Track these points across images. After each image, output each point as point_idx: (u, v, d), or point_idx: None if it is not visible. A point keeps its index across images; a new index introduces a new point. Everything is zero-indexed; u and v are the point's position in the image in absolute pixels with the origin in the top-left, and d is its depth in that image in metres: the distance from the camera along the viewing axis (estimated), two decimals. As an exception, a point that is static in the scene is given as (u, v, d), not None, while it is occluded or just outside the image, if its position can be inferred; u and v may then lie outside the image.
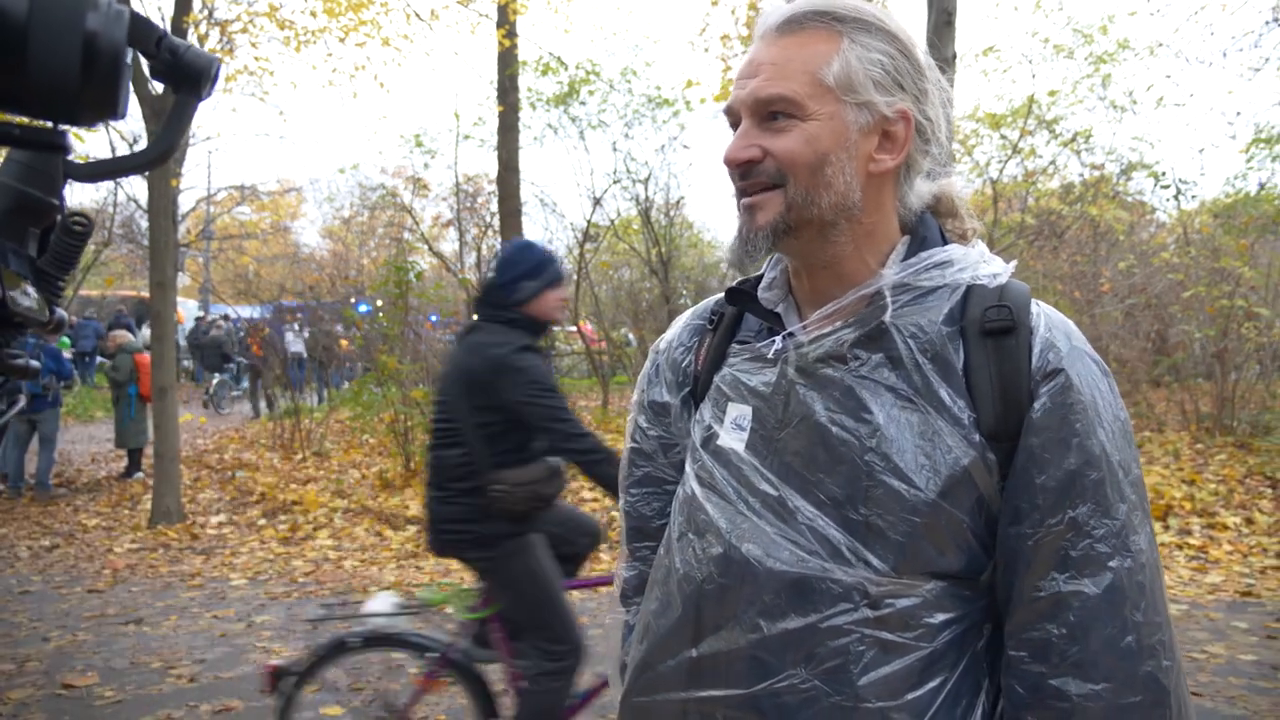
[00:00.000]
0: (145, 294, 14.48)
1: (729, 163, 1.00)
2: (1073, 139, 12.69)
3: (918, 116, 0.99)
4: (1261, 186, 13.73)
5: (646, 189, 14.02)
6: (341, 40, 8.93)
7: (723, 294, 1.16)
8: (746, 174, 0.99)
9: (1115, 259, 11.47)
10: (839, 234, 1.00)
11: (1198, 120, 36.79)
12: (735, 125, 1.02)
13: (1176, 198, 13.18)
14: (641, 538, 1.23)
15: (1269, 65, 13.26)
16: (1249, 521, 6.61)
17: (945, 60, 6.35)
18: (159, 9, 10.38)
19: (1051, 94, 12.71)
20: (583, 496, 8.02)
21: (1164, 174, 12.93)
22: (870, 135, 0.98)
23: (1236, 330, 9.24)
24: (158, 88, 7.48)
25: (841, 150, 0.97)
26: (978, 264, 1.01)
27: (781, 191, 0.97)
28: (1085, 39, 12.99)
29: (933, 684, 0.94)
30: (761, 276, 1.11)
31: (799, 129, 0.96)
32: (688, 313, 1.24)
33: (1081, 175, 13.02)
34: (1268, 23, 10.38)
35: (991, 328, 0.95)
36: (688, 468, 1.11)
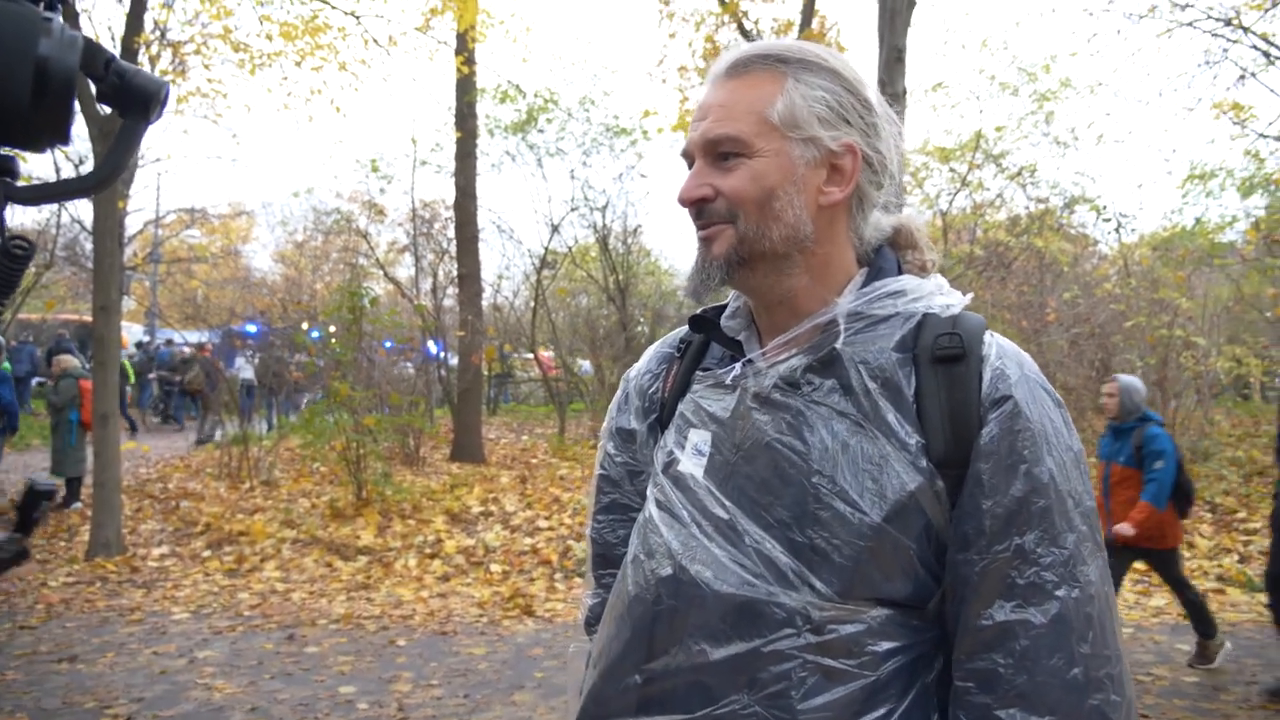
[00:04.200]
0: (88, 318, 14.09)
1: (682, 202, 1.03)
2: (1019, 173, 13.08)
3: (865, 150, 1.02)
4: (1197, 221, 14.27)
5: (604, 216, 14.10)
6: (298, 64, 8.86)
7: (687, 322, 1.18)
8: (700, 213, 1.02)
9: (1060, 289, 11.80)
10: (793, 266, 1.02)
11: (1136, 156, 38.25)
12: (691, 166, 1.05)
13: (1117, 231, 13.65)
14: (607, 565, 1.22)
15: (1201, 105, 13.85)
16: (1190, 546, 6.79)
17: (896, 95, 6.51)
18: (109, 28, 10.22)
19: (998, 129, 13.12)
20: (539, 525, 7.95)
21: (1105, 208, 13.40)
22: (818, 169, 1.01)
23: (1176, 359, 9.55)
24: (104, 108, 7.32)
25: (789, 184, 0.99)
26: (933, 294, 1.03)
27: (733, 226, 1.00)
28: (1029, 77, 13.46)
29: (877, 713, 0.93)
30: (726, 305, 1.14)
31: (746, 166, 0.99)
32: (658, 341, 1.26)
33: (1027, 208, 13.41)
34: (1200, 65, 10.86)
35: (942, 355, 0.97)
36: (649, 492, 1.12)
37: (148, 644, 5.33)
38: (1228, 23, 9.18)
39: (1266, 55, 9.12)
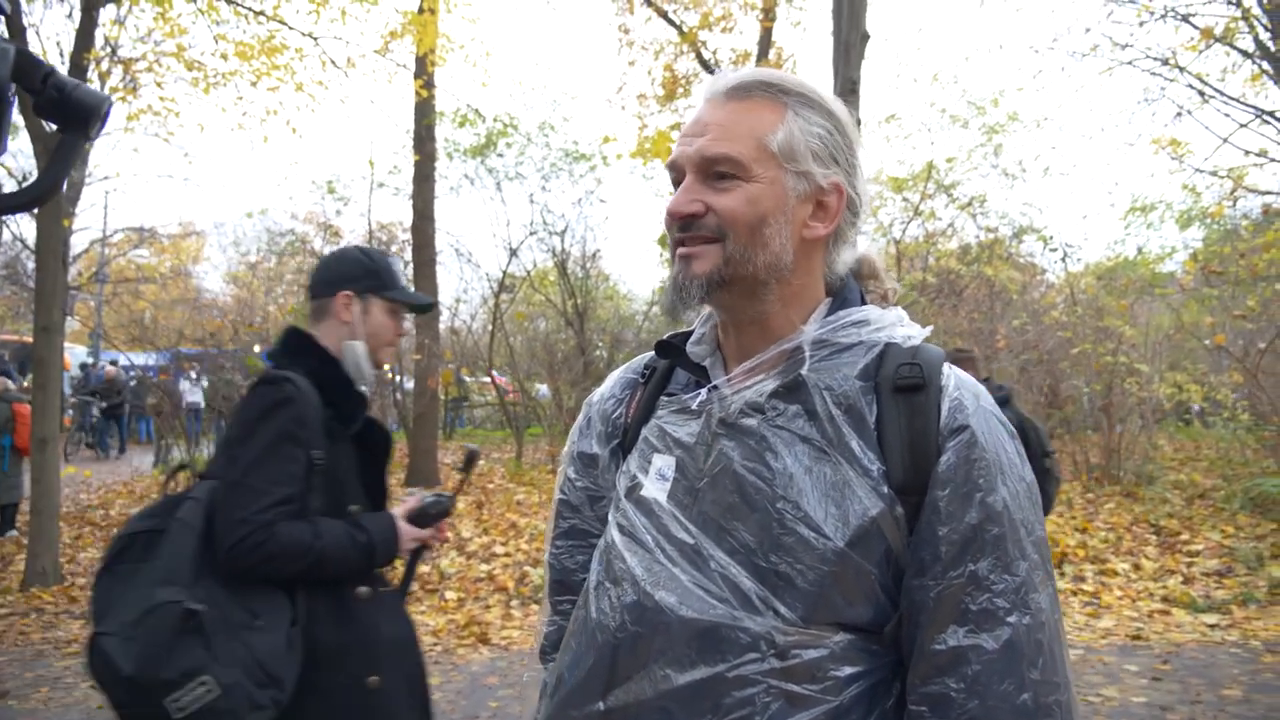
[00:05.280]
0: (29, 338, 13.65)
1: (673, 214, 1.03)
2: (969, 203, 13.42)
3: (849, 190, 1.04)
4: (1139, 251, 14.77)
5: (563, 241, 14.11)
6: (253, 84, 8.74)
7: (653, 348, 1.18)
8: (688, 226, 1.02)
9: (1009, 317, 12.08)
10: (769, 293, 1.03)
11: (1081, 189, 39.58)
12: (677, 180, 1.05)
13: (1063, 260, 14.06)
14: (564, 591, 1.21)
15: (1141, 140, 14.39)
16: (1136, 567, 6.94)
17: (850, 126, 6.66)
18: (58, 43, 10.01)
19: (949, 160, 13.47)
20: (495, 551, 7.80)
21: (1052, 238, 13.82)
22: (806, 203, 1.03)
23: (1120, 385, 9.81)
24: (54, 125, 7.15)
25: (780, 213, 1.01)
26: (894, 325, 1.05)
27: (720, 246, 1.01)
28: (978, 110, 13.87)
29: None
30: (691, 332, 1.14)
31: (742, 189, 1.00)
32: (622, 367, 1.26)
33: (978, 237, 13.77)
34: (1139, 102, 11.28)
35: (903, 384, 0.99)
36: (610, 517, 1.11)
37: (85, 678, 5.12)
38: (1165, 62, 9.58)
39: (1201, 94, 9.52)
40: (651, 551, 1.02)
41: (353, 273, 1.99)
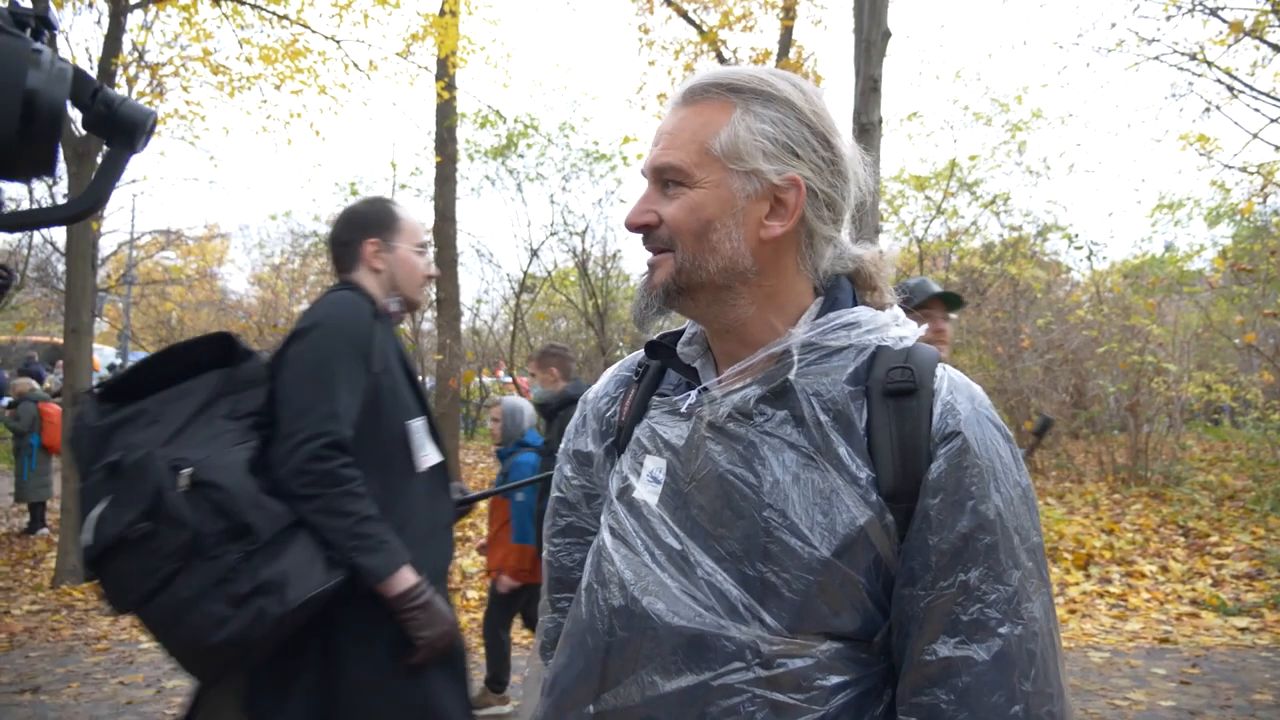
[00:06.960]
0: (59, 340, 13.87)
1: (627, 226, 1.04)
2: (992, 201, 13.29)
3: (817, 185, 1.00)
4: (1166, 249, 14.59)
5: (584, 241, 14.13)
6: (277, 87, 8.83)
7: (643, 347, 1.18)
8: (646, 237, 1.03)
9: (1034, 316, 11.95)
10: (736, 297, 1.01)
11: (1107, 186, 39.08)
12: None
13: (1089, 258, 13.90)
14: (563, 589, 1.21)
15: (1168, 136, 14.18)
16: (1164, 569, 6.85)
17: (871, 124, 6.61)
18: (86, 49, 10.16)
19: (972, 158, 13.33)
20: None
21: (1077, 236, 13.65)
22: (760, 202, 1.00)
23: (1147, 385, 9.68)
24: (79, 129, 7.26)
25: (728, 216, 0.99)
26: (887, 326, 1.02)
27: (672, 255, 1.01)
28: (1002, 108, 13.71)
29: None
30: (683, 331, 1.13)
31: (685, 196, 1.00)
32: (616, 364, 1.25)
33: (1001, 235, 13.62)
34: (1166, 98, 11.13)
35: (893, 388, 0.96)
36: (602, 518, 1.10)
37: (114, 674, 5.20)
38: (1193, 57, 9.43)
39: (1230, 89, 9.37)
40: (640, 555, 1.02)
41: None
